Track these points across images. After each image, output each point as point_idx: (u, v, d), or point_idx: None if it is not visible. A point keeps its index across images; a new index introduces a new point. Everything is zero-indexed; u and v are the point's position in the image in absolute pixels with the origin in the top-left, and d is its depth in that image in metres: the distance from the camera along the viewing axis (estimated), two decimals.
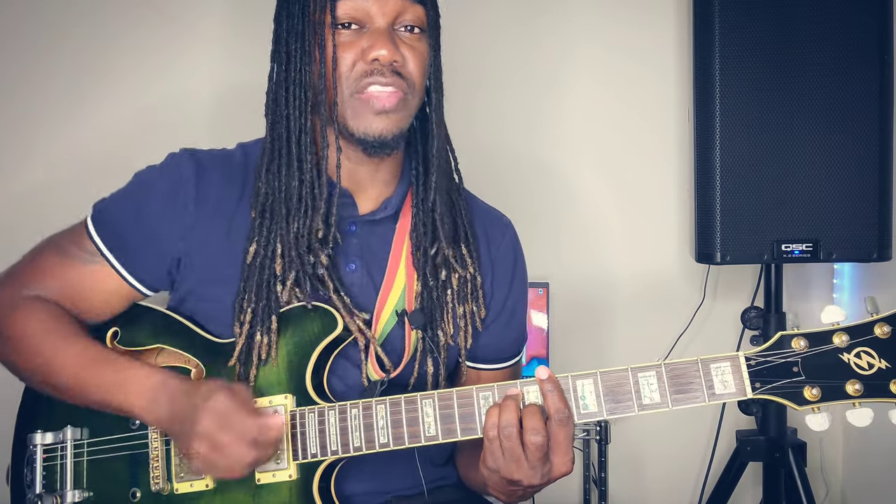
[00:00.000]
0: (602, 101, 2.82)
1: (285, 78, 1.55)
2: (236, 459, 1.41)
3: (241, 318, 1.55)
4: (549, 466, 1.38)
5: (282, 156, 1.56)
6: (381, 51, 1.49)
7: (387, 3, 1.50)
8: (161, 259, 1.61)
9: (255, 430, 1.41)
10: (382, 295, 1.62)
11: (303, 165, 1.55)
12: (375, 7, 1.50)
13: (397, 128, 1.54)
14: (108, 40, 2.64)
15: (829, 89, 2.29)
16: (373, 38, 1.50)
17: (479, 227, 1.73)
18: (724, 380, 1.34)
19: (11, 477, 1.68)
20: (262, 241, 1.56)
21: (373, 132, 1.52)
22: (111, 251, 1.61)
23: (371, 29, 1.51)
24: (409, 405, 1.45)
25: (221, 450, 1.41)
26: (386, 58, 1.49)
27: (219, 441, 1.40)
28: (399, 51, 1.51)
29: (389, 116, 1.52)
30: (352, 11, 1.50)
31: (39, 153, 2.64)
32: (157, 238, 1.60)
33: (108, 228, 1.62)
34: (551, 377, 1.39)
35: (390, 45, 1.49)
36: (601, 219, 2.84)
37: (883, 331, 1.30)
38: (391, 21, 1.51)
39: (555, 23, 2.80)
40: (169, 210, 1.59)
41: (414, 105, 1.57)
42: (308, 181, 1.55)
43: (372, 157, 1.57)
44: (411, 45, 1.54)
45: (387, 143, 1.53)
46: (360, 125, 1.52)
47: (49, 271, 1.63)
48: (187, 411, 1.44)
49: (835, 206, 2.31)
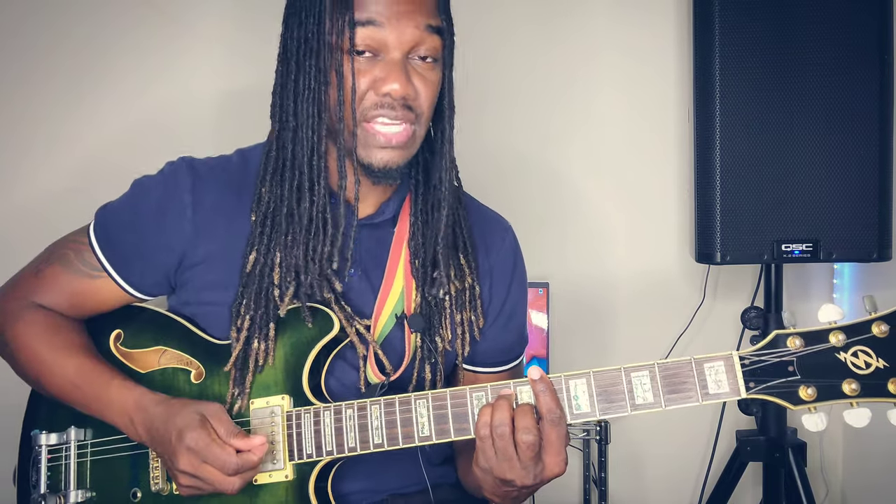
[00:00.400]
0: (602, 101, 2.82)
1: (294, 89, 1.52)
2: (223, 489, 1.43)
3: (238, 324, 1.55)
4: (542, 466, 1.38)
5: (290, 169, 1.54)
6: (393, 84, 1.46)
7: (404, 34, 1.46)
8: (160, 268, 1.63)
9: (235, 462, 1.42)
10: (381, 298, 1.62)
11: (314, 188, 1.53)
12: (393, 37, 1.46)
13: (403, 159, 1.53)
14: (108, 41, 2.65)
15: (829, 89, 2.29)
16: (387, 70, 1.47)
17: (478, 234, 1.72)
18: (717, 379, 1.33)
19: (18, 477, 1.70)
20: (263, 249, 1.55)
21: (378, 163, 1.50)
22: (112, 265, 1.64)
23: (386, 59, 1.48)
24: (404, 405, 1.45)
25: (205, 483, 1.44)
26: (398, 92, 1.47)
27: (201, 476, 1.43)
28: (412, 83, 1.49)
29: (395, 150, 1.51)
30: (369, 41, 1.47)
31: (38, 155, 2.65)
32: (155, 249, 1.61)
33: (109, 240, 1.64)
34: (543, 377, 1.38)
35: (403, 79, 1.47)
36: (601, 219, 2.84)
37: (881, 329, 1.28)
38: (406, 52, 1.48)
39: (555, 24, 2.80)
40: (166, 220, 1.60)
41: (420, 135, 1.55)
42: (320, 205, 1.53)
43: (375, 184, 1.56)
44: (423, 76, 1.51)
45: (391, 173, 1.52)
46: (366, 154, 1.51)
47: (53, 284, 1.66)
48: (165, 442, 1.46)
49: (835, 206, 2.31)
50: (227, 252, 1.59)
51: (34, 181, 2.64)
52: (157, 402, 1.53)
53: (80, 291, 1.66)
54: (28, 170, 2.64)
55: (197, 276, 1.61)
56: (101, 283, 1.65)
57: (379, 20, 1.45)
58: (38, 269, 1.68)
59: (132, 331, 1.66)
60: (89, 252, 1.65)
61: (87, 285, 1.65)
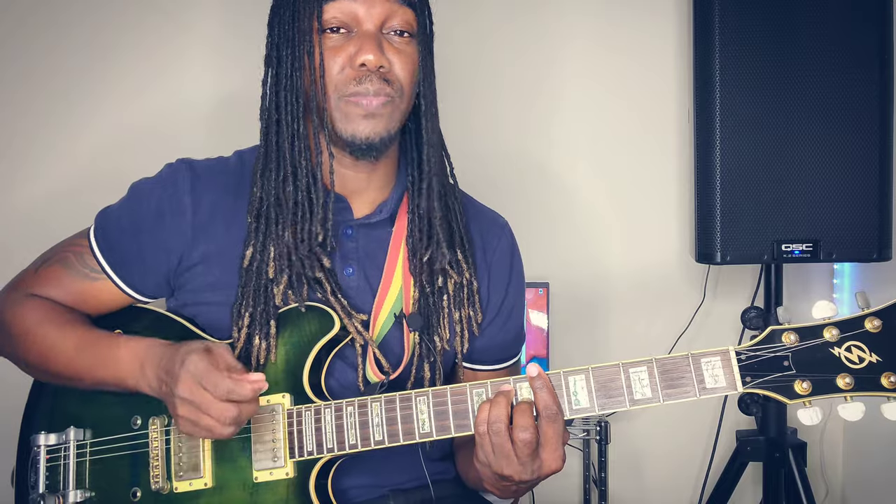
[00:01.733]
0: (602, 101, 2.82)
1: (276, 83, 1.56)
2: (217, 416, 1.40)
3: (239, 323, 1.56)
4: (539, 463, 1.38)
5: (275, 160, 1.57)
6: (367, 56, 1.49)
7: (374, 6, 1.50)
8: (160, 271, 1.64)
9: (227, 385, 1.39)
10: (379, 298, 1.63)
11: (297, 171, 1.55)
12: (363, 10, 1.50)
13: (385, 130, 1.54)
14: (103, 47, 2.66)
15: (829, 89, 2.29)
16: (360, 43, 1.50)
17: (476, 231, 1.73)
18: (714, 374, 1.34)
19: (17, 478, 1.71)
20: (259, 245, 1.57)
21: (360, 135, 1.52)
22: (113, 268, 1.65)
23: (358, 33, 1.51)
24: (404, 402, 1.46)
25: (201, 409, 1.41)
26: (373, 62, 1.49)
27: (197, 401, 1.41)
28: (386, 55, 1.51)
29: (377, 119, 1.52)
30: (339, 15, 1.50)
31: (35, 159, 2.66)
32: (155, 252, 1.62)
33: (109, 244, 1.66)
34: (541, 374, 1.39)
35: (377, 50, 1.50)
36: (601, 219, 2.84)
37: (873, 325, 1.30)
38: (379, 25, 1.51)
39: (555, 24, 2.80)
40: (166, 223, 1.61)
41: (402, 109, 1.57)
42: (303, 186, 1.55)
43: (360, 160, 1.58)
44: (399, 49, 1.54)
45: (374, 145, 1.54)
46: (348, 128, 1.53)
47: (54, 282, 1.68)
48: (170, 373, 1.45)
49: (835, 206, 2.31)
50: (225, 252, 1.60)
51: (31, 186, 2.65)
52: (167, 344, 1.52)
53: (80, 291, 1.67)
54: (25, 174, 2.66)
55: (196, 277, 1.62)
56: (101, 284, 1.66)
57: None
58: (38, 270, 1.70)
59: (132, 331, 1.66)
60: (89, 255, 1.66)
61: (87, 286, 1.66)
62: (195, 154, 1.70)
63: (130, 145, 2.61)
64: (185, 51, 2.70)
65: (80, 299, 1.67)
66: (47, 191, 2.63)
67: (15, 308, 1.67)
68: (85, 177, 2.61)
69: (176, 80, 2.69)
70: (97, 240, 1.66)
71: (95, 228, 1.68)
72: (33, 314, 1.65)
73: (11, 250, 1.72)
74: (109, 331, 1.65)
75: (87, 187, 1.69)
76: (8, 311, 1.68)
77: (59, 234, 1.74)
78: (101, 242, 1.66)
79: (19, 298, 1.68)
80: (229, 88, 2.66)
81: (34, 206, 2.63)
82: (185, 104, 2.67)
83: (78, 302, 1.68)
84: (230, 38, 2.69)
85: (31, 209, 2.63)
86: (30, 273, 1.70)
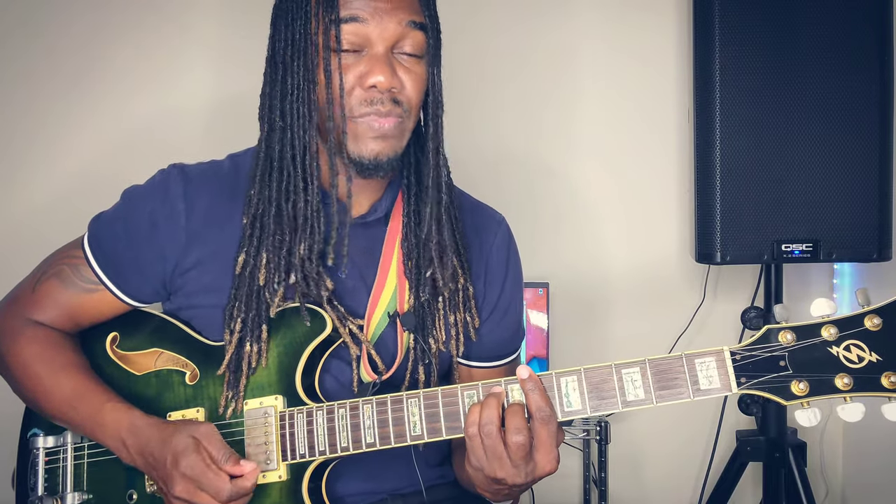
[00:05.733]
0: (602, 101, 2.82)
1: (282, 90, 1.53)
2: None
3: (231, 327, 1.55)
4: (533, 465, 1.37)
5: (278, 168, 1.55)
6: (378, 77, 1.48)
7: (387, 29, 1.48)
8: (156, 277, 1.63)
9: (229, 489, 1.42)
10: (374, 297, 1.62)
11: (308, 188, 1.54)
12: (376, 32, 1.48)
13: (393, 151, 1.53)
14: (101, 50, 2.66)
15: (829, 89, 2.29)
16: (371, 63, 1.49)
17: (471, 229, 1.72)
18: (708, 375, 1.31)
19: (17, 480, 1.71)
20: (252, 251, 1.55)
21: (369, 155, 1.51)
22: (108, 277, 1.64)
23: (369, 54, 1.50)
24: (395, 405, 1.45)
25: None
26: (384, 84, 1.48)
27: (196, 502, 1.43)
28: (397, 76, 1.50)
29: (387, 140, 1.52)
30: (353, 37, 1.49)
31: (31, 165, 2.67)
32: (150, 259, 1.61)
33: (104, 253, 1.65)
34: (532, 376, 1.37)
35: (388, 71, 1.48)
36: (601, 219, 2.84)
37: (873, 323, 1.27)
38: (390, 46, 1.50)
39: (555, 23, 2.80)
40: (160, 229, 1.60)
41: (410, 128, 1.56)
42: (314, 204, 1.54)
43: (366, 178, 1.56)
44: (409, 69, 1.52)
45: (381, 165, 1.53)
46: (356, 148, 1.51)
47: (51, 301, 1.67)
48: (160, 467, 1.46)
49: (835, 206, 2.31)
50: (219, 256, 1.59)
51: (31, 187, 2.65)
52: (150, 424, 1.52)
53: (77, 305, 1.66)
54: (25, 175, 2.66)
55: (191, 281, 1.61)
56: (98, 296, 1.65)
57: (362, 16, 1.48)
58: (35, 286, 1.68)
59: (129, 333, 1.66)
60: (85, 266, 1.65)
61: (84, 299, 1.65)
62: (193, 156, 1.69)
63: (129, 146, 2.61)
64: (180, 53, 2.70)
65: (77, 313, 1.66)
66: (46, 192, 2.63)
67: (14, 337, 1.66)
68: (84, 178, 2.60)
69: (170, 83, 2.69)
70: (92, 249, 1.65)
71: (90, 237, 1.67)
72: (30, 349, 1.64)
73: (10, 251, 1.71)
74: (106, 335, 1.66)
75: (87, 188, 1.69)
76: (6, 339, 1.67)
77: (55, 241, 1.73)
78: (96, 252, 1.65)
79: (18, 326, 1.67)
80: (229, 90, 2.66)
81: (33, 206, 2.63)
82: (184, 105, 2.67)
83: (76, 315, 1.67)
84: (229, 40, 2.69)
85: (30, 210, 2.63)
86: (27, 292, 1.69)
